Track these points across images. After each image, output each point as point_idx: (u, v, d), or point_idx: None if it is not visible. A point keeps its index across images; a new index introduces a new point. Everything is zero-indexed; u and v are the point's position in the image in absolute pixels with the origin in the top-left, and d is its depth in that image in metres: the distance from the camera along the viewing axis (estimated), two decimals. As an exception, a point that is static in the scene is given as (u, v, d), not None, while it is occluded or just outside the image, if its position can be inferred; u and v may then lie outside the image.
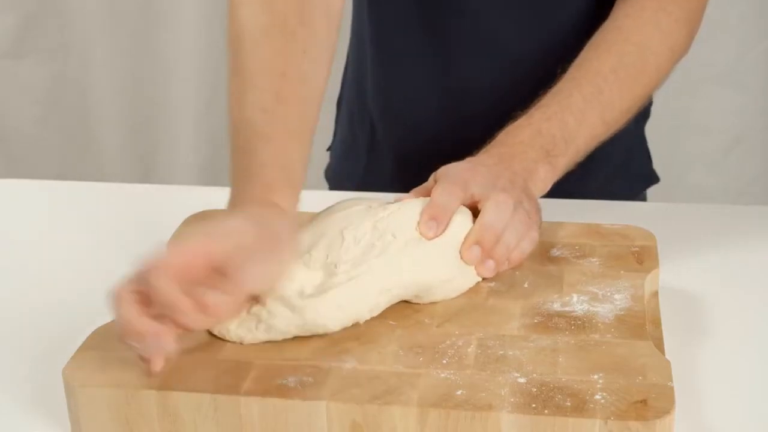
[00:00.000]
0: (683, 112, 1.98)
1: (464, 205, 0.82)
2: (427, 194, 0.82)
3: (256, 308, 0.74)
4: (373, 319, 0.76)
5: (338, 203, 0.83)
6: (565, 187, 0.92)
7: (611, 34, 0.95)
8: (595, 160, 1.16)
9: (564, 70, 0.93)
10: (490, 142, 0.89)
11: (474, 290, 0.80)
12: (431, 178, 0.85)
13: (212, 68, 2.09)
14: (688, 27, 0.98)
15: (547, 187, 0.88)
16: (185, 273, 0.69)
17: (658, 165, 1.25)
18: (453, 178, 0.83)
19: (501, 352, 0.71)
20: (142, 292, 0.69)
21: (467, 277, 0.80)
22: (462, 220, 0.81)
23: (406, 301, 0.78)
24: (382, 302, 0.76)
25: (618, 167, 1.17)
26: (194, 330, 0.71)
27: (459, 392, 0.67)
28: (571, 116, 0.90)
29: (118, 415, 0.69)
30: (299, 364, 0.71)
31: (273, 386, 0.68)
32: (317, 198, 1.06)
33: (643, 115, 1.22)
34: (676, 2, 0.97)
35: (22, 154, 2.21)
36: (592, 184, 1.08)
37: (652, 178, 1.21)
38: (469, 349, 0.72)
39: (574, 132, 0.90)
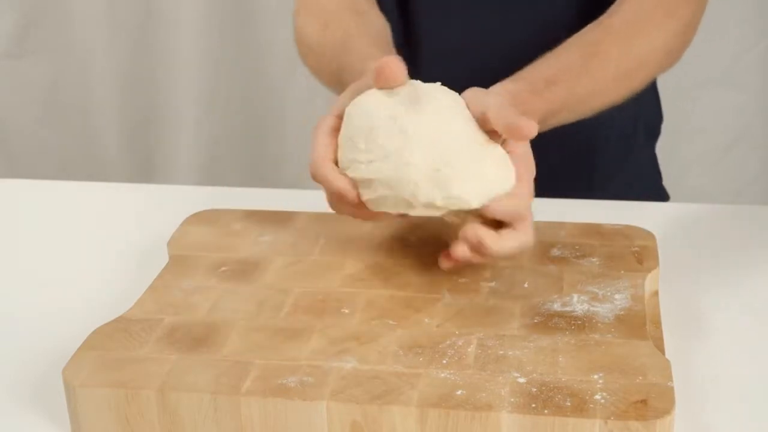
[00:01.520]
0: (682, 112, 1.98)
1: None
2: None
3: None
4: (372, 319, 0.76)
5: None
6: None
7: (618, 28, 0.95)
8: (602, 178, 1.17)
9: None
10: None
11: (474, 290, 0.80)
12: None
13: (212, 68, 2.09)
14: (691, 34, 0.98)
15: None
16: None
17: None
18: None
19: (501, 352, 0.71)
20: None
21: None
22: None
23: (406, 301, 0.78)
24: None
25: (627, 186, 1.17)
26: None
27: (459, 392, 0.67)
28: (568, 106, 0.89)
29: (118, 415, 0.69)
30: (299, 364, 0.71)
31: (273, 386, 0.68)
32: (318, 198, 1.07)
33: (653, 133, 1.22)
34: (687, 6, 0.97)
35: (22, 154, 2.21)
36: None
37: (663, 197, 1.22)
38: (469, 349, 0.72)
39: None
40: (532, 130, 0.73)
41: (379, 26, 1.00)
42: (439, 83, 0.79)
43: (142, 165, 2.20)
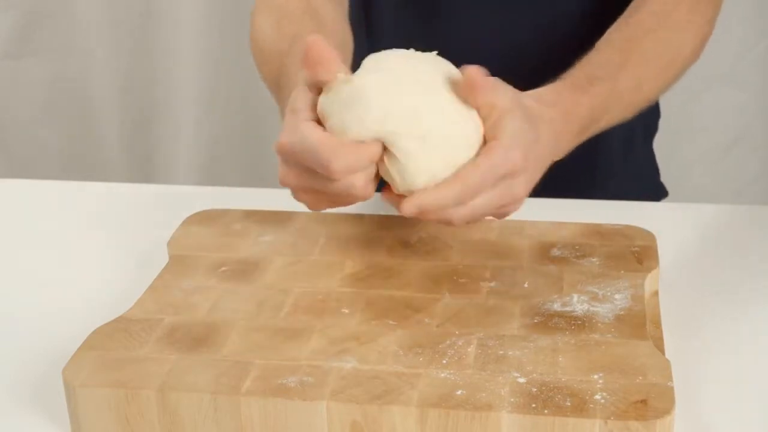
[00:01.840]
0: (683, 112, 1.98)
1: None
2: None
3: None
4: (373, 318, 0.76)
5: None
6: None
7: (646, 22, 0.94)
8: (602, 176, 1.17)
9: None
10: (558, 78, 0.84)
11: (474, 290, 0.80)
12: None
13: (212, 68, 2.09)
14: (711, 31, 0.99)
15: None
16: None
17: (658, 164, 1.25)
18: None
19: (501, 352, 0.71)
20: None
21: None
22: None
23: (406, 301, 0.78)
24: None
25: (626, 183, 1.17)
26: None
27: (459, 392, 0.67)
28: (611, 101, 0.88)
29: (118, 415, 0.69)
30: (299, 364, 0.71)
31: (273, 386, 0.68)
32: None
33: (651, 130, 1.23)
34: (708, 2, 0.97)
35: (22, 154, 2.21)
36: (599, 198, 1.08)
37: (661, 193, 1.22)
38: (469, 349, 0.72)
39: (604, 116, 0.88)
40: (479, 74, 0.71)
41: (337, 36, 0.95)
42: (435, 52, 0.76)
43: (142, 165, 2.20)
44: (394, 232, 0.89)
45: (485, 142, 0.73)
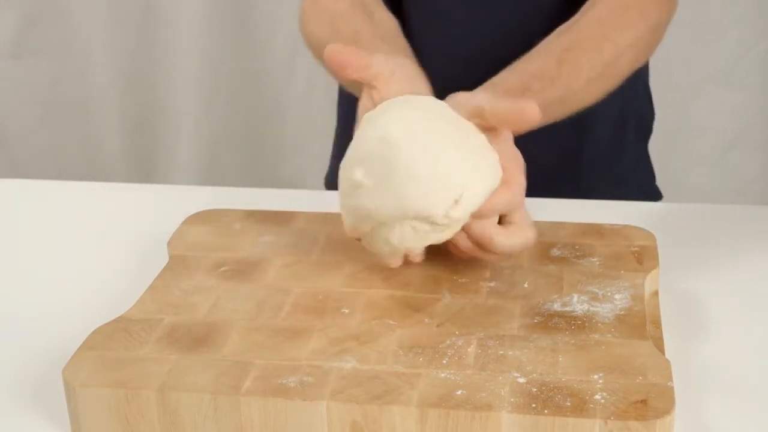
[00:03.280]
0: (683, 112, 1.98)
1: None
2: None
3: None
4: (373, 318, 0.76)
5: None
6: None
7: (590, 30, 0.95)
8: (597, 177, 1.17)
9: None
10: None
11: (474, 290, 0.80)
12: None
13: (212, 68, 2.09)
14: (661, 33, 0.99)
15: None
16: None
17: (657, 165, 1.26)
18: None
19: (501, 352, 0.72)
20: None
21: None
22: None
23: (406, 301, 0.78)
24: None
25: (620, 184, 1.17)
26: None
27: (459, 392, 0.67)
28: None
29: (118, 415, 0.69)
30: (299, 364, 0.71)
31: (273, 386, 0.68)
32: (318, 198, 1.07)
33: (644, 133, 1.22)
34: (658, 6, 0.97)
35: (22, 154, 2.21)
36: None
37: (655, 195, 1.22)
38: (469, 349, 0.72)
39: None
40: (536, 110, 0.73)
41: (389, 24, 0.99)
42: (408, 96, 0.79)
43: (142, 165, 2.21)
44: (394, 232, 0.89)
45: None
